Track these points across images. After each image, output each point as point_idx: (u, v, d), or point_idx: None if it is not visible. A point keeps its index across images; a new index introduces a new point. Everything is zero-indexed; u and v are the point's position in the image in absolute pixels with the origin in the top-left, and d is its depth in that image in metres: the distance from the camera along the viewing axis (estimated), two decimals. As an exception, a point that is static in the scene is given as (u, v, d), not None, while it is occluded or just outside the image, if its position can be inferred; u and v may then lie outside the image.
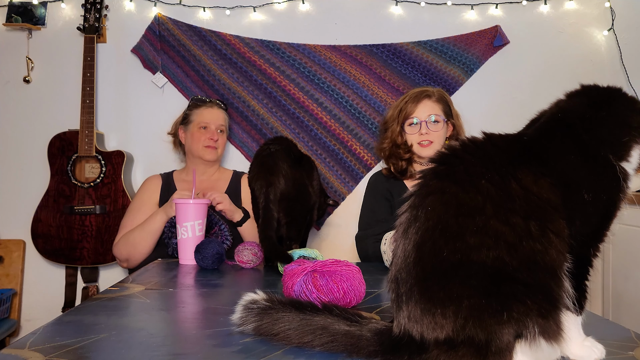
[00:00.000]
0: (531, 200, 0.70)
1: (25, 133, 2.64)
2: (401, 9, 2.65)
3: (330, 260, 1.07)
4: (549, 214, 0.70)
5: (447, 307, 0.67)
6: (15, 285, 2.57)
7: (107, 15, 2.62)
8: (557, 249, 0.69)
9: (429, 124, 1.90)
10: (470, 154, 0.74)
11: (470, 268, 0.67)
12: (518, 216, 0.69)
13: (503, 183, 0.70)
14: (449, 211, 0.70)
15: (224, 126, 2.26)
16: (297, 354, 0.76)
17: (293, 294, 1.04)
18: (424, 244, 0.70)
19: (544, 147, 0.75)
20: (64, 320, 0.95)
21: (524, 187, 0.70)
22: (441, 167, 0.75)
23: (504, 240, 0.67)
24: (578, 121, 0.76)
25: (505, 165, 0.72)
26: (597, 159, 0.74)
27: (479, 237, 0.68)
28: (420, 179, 0.76)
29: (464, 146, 0.76)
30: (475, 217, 0.69)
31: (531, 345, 0.67)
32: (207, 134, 2.18)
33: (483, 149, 0.75)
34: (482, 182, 0.70)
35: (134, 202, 2.17)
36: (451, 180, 0.72)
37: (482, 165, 0.72)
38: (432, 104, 1.93)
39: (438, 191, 0.72)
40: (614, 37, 2.63)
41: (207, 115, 2.21)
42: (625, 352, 0.80)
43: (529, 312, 0.66)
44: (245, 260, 1.55)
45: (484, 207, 0.69)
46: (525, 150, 0.75)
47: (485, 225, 0.68)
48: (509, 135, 0.79)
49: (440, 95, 1.96)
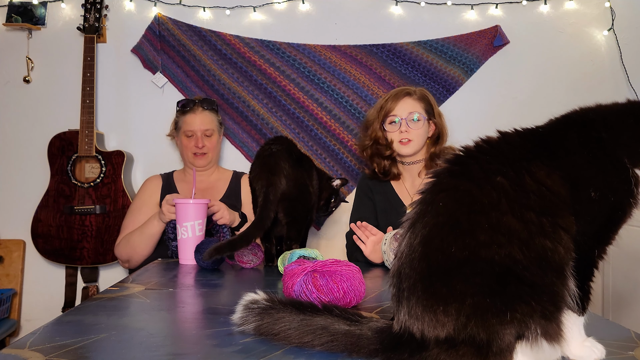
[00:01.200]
0: (544, 194, 0.70)
1: (25, 133, 2.63)
2: (401, 9, 2.65)
3: (330, 260, 1.07)
4: (560, 209, 0.70)
5: (449, 304, 0.67)
6: (15, 285, 2.57)
7: (107, 15, 2.62)
8: (566, 246, 0.69)
9: (409, 122, 1.89)
10: (485, 154, 0.74)
11: (477, 266, 0.67)
12: (532, 212, 0.68)
13: (518, 178, 0.70)
14: (461, 207, 0.70)
15: (212, 129, 2.21)
16: (297, 354, 0.76)
17: (293, 294, 1.04)
18: (432, 240, 0.70)
19: (559, 138, 0.75)
20: (64, 320, 0.95)
21: (538, 181, 0.70)
22: (456, 167, 0.75)
23: (517, 238, 0.67)
24: (600, 119, 0.76)
25: (519, 160, 0.72)
26: (611, 158, 0.73)
27: (490, 233, 0.67)
28: (434, 178, 0.75)
29: (478, 147, 0.76)
30: (489, 213, 0.68)
31: (532, 346, 0.67)
32: (193, 141, 2.16)
33: (498, 148, 0.75)
34: (497, 179, 0.70)
35: (135, 202, 2.17)
36: (466, 178, 0.72)
37: (497, 163, 0.72)
38: (413, 102, 1.92)
39: (451, 188, 0.72)
40: (614, 37, 2.62)
41: (191, 122, 2.18)
42: (625, 352, 0.80)
43: (532, 313, 0.66)
44: (245, 260, 1.55)
45: (498, 203, 0.69)
46: (538, 143, 0.75)
47: (499, 221, 0.68)
48: (525, 130, 0.79)
49: (421, 93, 1.96)
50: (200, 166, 2.18)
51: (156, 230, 1.92)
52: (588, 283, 0.74)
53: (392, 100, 1.92)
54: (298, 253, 1.35)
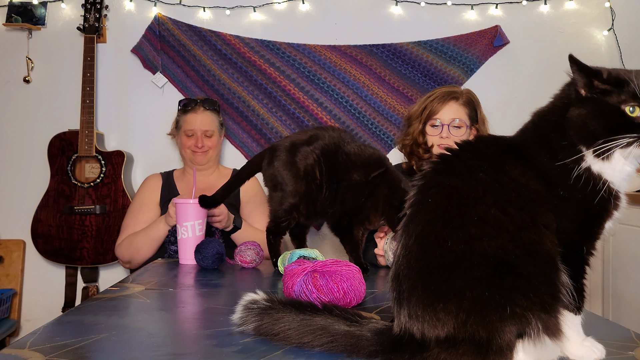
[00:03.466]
0: (522, 192, 0.71)
1: (25, 133, 2.64)
2: (401, 9, 2.65)
3: (330, 260, 1.07)
4: (538, 205, 0.71)
5: (449, 300, 0.67)
6: (15, 285, 2.57)
7: (107, 15, 2.62)
8: (551, 240, 0.70)
9: (451, 127, 1.83)
10: (466, 151, 0.78)
11: (473, 258, 0.67)
12: (513, 207, 0.70)
13: (497, 175, 0.72)
14: (450, 202, 0.71)
15: (212, 130, 2.20)
16: (297, 354, 0.76)
17: (293, 294, 1.04)
18: (426, 236, 0.71)
19: (524, 144, 0.78)
20: (64, 320, 0.95)
21: (514, 179, 0.72)
22: (440, 165, 0.77)
23: (505, 230, 0.68)
24: (546, 121, 0.79)
25: (496, 159, 0.75)
26: (565, 160, 0.73)
27: (480, 226, 0.69)
28: (421, 179, 0.77)
29: (460, 146, 0.79)
30: (476, 205, 0.70)
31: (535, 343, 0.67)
32: (192, 140, 2.16)
33: (476, 147, 0.79)
34: (480, 174, 0.72)
35: (135, 201, 2.17)
36: (451, 174, 0.74)
37: (478, 159, 0.75)
38: (458, 107, 1.85)
39: (439, 185, 0.74)
40: (614, 37, 2.62)
41: (191, 121, 2.17)
42: (625, 352, 0.80)
43: (532, 306, 0.66)
44: (248, 260, 1.55)
45: (484, 196, 0.70)
46: (509, 147, 0.78)
47: (486, 214, 0.69)
48: (496, 135, 0.84)
49: (468, 98, 1.89)
50: (199, 164, 2.18)
51: (162, 234, 1.92)
52: (581, 281, 0.74)
53: (438, 102, 1.85)
54: (298, 253, 1.35)
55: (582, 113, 0.74)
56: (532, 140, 0.78)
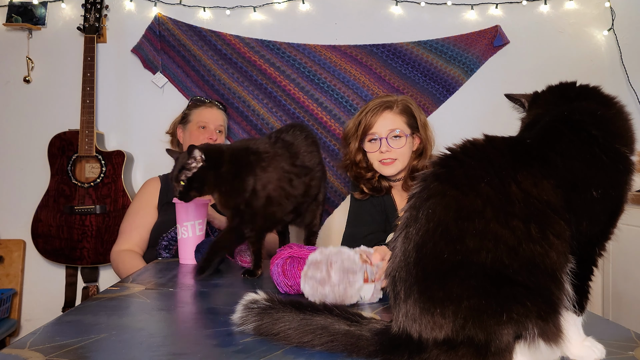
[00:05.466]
0: (531, 203, 0.70)
1: (25, 133, 2.64)
2: (401, 9, 2.65)
3: (309, 247, 1.13)
4: (549, 217, 0.70)
5: (446, 306, 0.67)
6: (15, 285, 2.57)
7: (107, 15, 2.62)
8: (558, 251, 0.69)
9: (390, 139, 1.71)
10: (470, 157, 0.74)
11: (470, 269, 0.67)
12: (518, 219, 0.69)
13: (503, 186, 0.70)
14: (449, 214, 0.70)
15: (223, 127, 2.25)
16: (297, 353, 0.76)
17: (273, 276, 1.12)
18: (424, 245, 0.70)
19: (549, 147, 0.74)
20: (64, 320, 0.95)
21: (524, 190, 0.70)
22: (442, 169, 0.75)
23: (503, 243, 0.68)
24: (588, 118, 0.76)
25: (506, 168, 0.72)
26: (609, 153, 0.73)
27: (478, 240, 0.68)
28: (421, 182, 0.76)
29: (464, 149, 0.76)
30: (474, 220, 0.69)
31: (530, 346, 0.67)
32: (206, 133, 2.17)
33: (483, 151, 0.75)
34: (481, 186, 0.71)
35: (133, 205, 2.17)
36: (451, 184, 0.73)
37: (481, 169, 0.72)
38: (394, 117, 1.74)
39: (438, 194, 0.72)
40: (614, 37, 2.62)
41: (207, 115, 2.21)
42: (625, 352, 0.80)
43: (528, 313, 0.66)
44: (248, 260, 1.54)
45: (483, 210, 0.69)
46: (526, 153, 0.74)
47: (484, 228, 0.68)
48: (511, 138, 0.78)
49: (404, 105, 1.76)
50: None
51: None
52: (587, 283, 0.74)
53: (372, 115, 1.73)
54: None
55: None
56: (567, 136, 0.75)
